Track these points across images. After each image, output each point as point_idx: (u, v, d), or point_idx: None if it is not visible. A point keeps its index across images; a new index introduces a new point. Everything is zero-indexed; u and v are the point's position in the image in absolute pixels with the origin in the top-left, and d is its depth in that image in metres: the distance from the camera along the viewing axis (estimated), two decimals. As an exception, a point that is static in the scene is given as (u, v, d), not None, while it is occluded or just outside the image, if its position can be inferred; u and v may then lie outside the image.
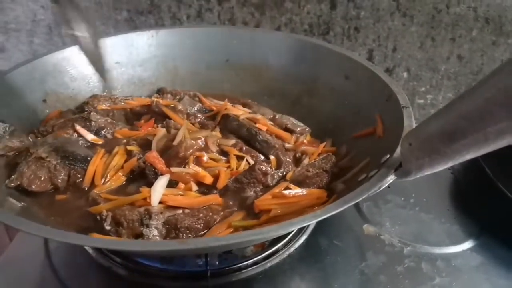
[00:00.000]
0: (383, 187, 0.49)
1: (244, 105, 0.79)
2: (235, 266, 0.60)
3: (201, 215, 0.53)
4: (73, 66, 0.75)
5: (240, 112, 0.73)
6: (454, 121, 0.41)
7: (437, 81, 1.06)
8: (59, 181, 0.59)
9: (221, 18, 0.99)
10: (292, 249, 0.64)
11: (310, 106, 0.78)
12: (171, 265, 0.60)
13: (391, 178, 0.48)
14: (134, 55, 0.82)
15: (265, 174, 0.59)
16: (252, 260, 0.61)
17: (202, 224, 0.53)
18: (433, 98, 1.08)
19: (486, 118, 0.38)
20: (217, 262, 0.61)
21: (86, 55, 0.58)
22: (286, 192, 0.56)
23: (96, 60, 0.59)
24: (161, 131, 0.66)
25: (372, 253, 0.62)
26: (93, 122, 0.68)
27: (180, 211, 0.53)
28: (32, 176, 0.56)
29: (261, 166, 0.59)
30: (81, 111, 0.72)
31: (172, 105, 0.74)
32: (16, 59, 1.04)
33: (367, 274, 0.59)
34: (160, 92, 0.83)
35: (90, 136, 0.67)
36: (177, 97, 0.79)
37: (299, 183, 0.59)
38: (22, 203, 0.50)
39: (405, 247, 0.64)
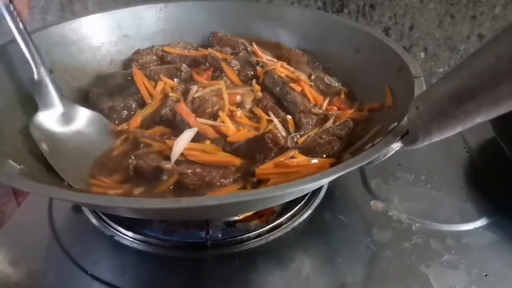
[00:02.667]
0: (389, 154, 0.47)
1: (288, 62, 0.77)
2: (237, 238, 0.59)
3: (207, 178, 0.52)
4: (81, 38, 0.75)
5: (282, 70, 0.72)
6: (464, 81, 0.38)
7: (456, 61, 1.02)
8: None
9: (232, -8, 0.97)
10: (296, 223, 0.62)
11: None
12: (174, 235, 0.60)
13: (397, 146, 0.46)
14: (142, 28, 0.81)
15: (276, 143, 0.57)
16: (255, 232, 0.60)
17: (206, 187, 0.52)
18: (451, 79, 1.04)
19: (498, 75, 0.35)
20: (220, 235, 0.60)
21: None
22: (290, 161, 0.54)
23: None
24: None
25: (378, 228, 0.61)
26: (183, 72, 0.71)
27: (190, 171, 0.53)
28: None
29: (270, 135, 0.57)
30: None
31: (228, 59, 0.74)
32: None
33: (372, 250, 0.58)
34: (212, 37, 0.83)
35: None
36: (235, 50, 0.80)
37: (309, 150, 0.57)
38: (22, 165, 0.50)
39: (414, 223, 0.61)
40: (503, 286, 0.53)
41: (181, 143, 0.55)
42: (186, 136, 0.56)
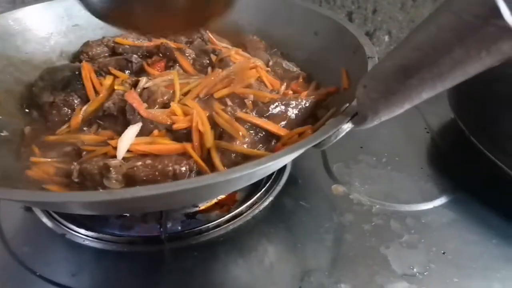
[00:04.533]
0: (340, 135, 0.46)
1: (245, 48, 0.75)
2: (195, 229, 0.57)
3: (159, 166, 0.49)
4: (25, 28, 0.71)
5: (237, 57, 0.70)
6: (408, 55, 0.37)
7: (419, 43, 1.02)
8: None
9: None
10: (256, 211, 0.61)
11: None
12: (131, 230, 0.58)
13: (348, 126, 0.45)
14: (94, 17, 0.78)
15: None
16: (214, 223, 0.58)
17: (160, 176, 0.49)
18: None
19: (439, 47, 0.34)
20: (179, 227, 0.59)
21: None
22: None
23: None
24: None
25: (339, 212, 0.60)
26: (134, 64, 0.68)
27: (140, 163, 0.50)
28: None
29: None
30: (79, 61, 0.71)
31: (182, 48, 0.71)
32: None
33: (333, 233, 0.57)
34: None
35: None
36: (190, 38, 0.77)
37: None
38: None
39: (374, 205, 0.61)
40: (460, 262, 0.53)
41: (127, 139, 0.52)
42: (131, 131, 0.53)
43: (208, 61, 0.72)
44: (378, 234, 0.56)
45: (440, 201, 0.62)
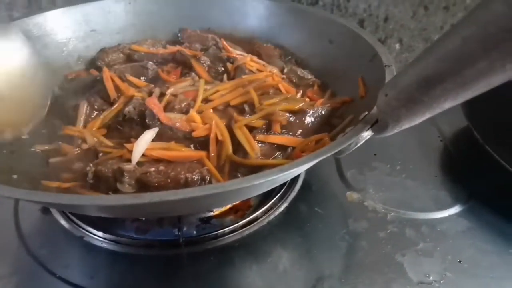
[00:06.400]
0: (360, 143, 0.46)
1: (259, 56, 0.76)
2: (211, 234, 0.58)
3: (172, 173, 0.50)
4: (45, 33, 0.72)
5: (253, 64, 0.71)
6: (431, 65, 0.38)
7: (430, 52, 1.02)
8: None
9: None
10: (272, 217, 0.61)
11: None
12: (147, 234, 0.59)
13: (368, 134, 0.46)
14: (111, 23, 0.79)
15: None
16: (230, 228, 0.59)
17: (172, 183, 0.50)
18: (426, 69, 1.05)
19: (464, 58, 0.35)
20: (194, 232, 0.59)
21: None
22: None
23: None
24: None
25: (354, 219, 0.60)
26: (149, 71, 0.69)
27: (153, 169, 0.51)
28: None
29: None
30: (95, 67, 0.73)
31: (197, 56, 0.72)
32: (-5, 33, 1.01)
33: (348, 241, 0.57)
34: (182, 33, 0.81)
35: None
36: (205, 46, 0.78)
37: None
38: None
39: (389, 213, 0.61)
40: (476, 272, 0.53)
41: (142, 143, 0.53)
42: (147, 136, 0.54)
43: (223, 68, 0.72)
44: (394, 242, 0.57)
45: (455, 209, 0.62)
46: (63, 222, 0.60)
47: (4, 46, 0.52)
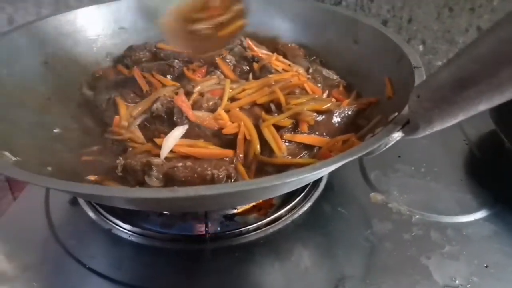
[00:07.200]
0: (389, 144, 0.46)
1: (284, 55, 0.76)
2: (235, 231, 0.59)
3: (199, 169, 0.51)
4: (76, 30, 0.74)
5: (278, 63, 0.71)
6: (466, 66, 0.38)
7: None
8: None
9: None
10: (295, 216, 0.62)
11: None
12: (172, 228, 0.60)
13: (398, 135, 0.46)
14: (139, 21, 0.80)
15: None
16: (254, 225, 0.59)
17: (198, 179, 0.51)
18: (450, 72, 1.04)
19: (500, 60, 0.35)
20: (218, 228, 0.60)
21: None
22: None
23: None
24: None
25: (378, 220, 0.60)
26: (175, 69, 0.70)
27: (181, 164, 0.52)
28: None
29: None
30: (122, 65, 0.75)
31: (223, 55, 0.73)
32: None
33: (372, 242, 0.57)
34: None
35: None
36: (230, 45, 0.78)
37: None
38: (17, 157, 0.49)
39: (413, 215, 0.61)
40: (503, 277, 0.53)
41: (171, 139, 0.54)
42: (177, 133, 0.55)
43: (248, 67, 0.73)
44: (419, 244, 0.56)
45: (481, 214, 0.61)
46: (91, 214, 0.61)
47: None
